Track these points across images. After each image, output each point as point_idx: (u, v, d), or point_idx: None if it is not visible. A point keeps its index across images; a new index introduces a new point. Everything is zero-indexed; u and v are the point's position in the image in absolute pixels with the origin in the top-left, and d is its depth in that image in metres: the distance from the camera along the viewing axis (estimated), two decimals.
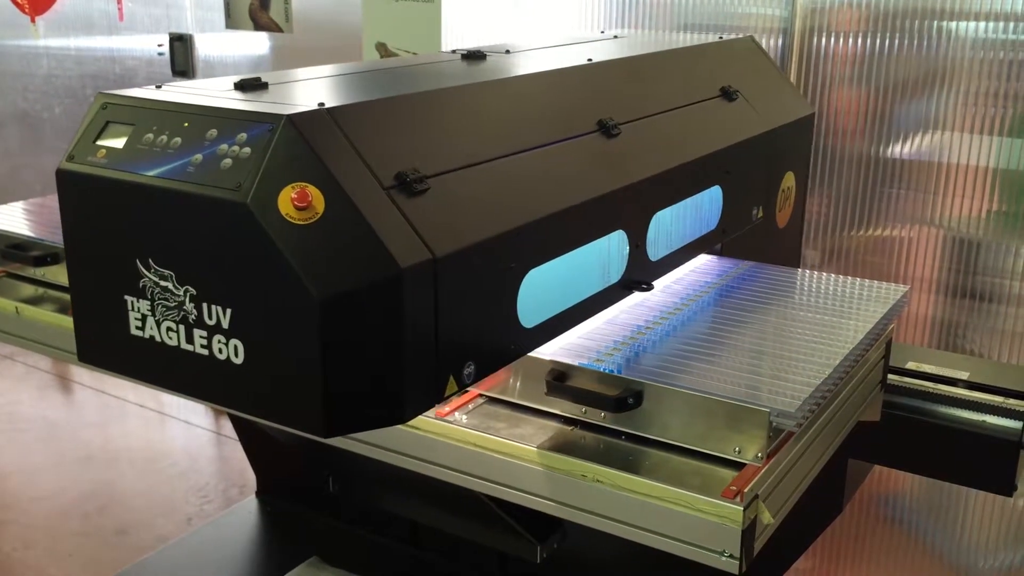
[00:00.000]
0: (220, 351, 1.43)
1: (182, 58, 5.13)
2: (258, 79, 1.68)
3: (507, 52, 2.32)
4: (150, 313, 1.50)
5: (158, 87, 1.67)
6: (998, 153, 3.09)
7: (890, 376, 2.34)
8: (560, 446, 1.73)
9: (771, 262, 2.47)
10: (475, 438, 1.77)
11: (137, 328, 1.53)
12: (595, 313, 1.92)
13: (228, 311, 1.41)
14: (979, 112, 3.08)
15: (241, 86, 1.64)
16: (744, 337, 2.00)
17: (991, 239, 3.16)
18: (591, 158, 1.90)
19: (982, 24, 3.03)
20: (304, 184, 1.35)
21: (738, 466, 1.65)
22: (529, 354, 1.83)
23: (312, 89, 1.68)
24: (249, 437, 3.14)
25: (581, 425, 1.79)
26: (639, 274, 2.00)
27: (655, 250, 2.05)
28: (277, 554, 2.87)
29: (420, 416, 1.80)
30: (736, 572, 1.57)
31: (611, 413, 1.74)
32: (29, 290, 2.42)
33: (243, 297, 1.39)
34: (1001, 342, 3.20)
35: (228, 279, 1.40)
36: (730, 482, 1.60)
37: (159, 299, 1.48)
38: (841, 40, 3.26)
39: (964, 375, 2.39)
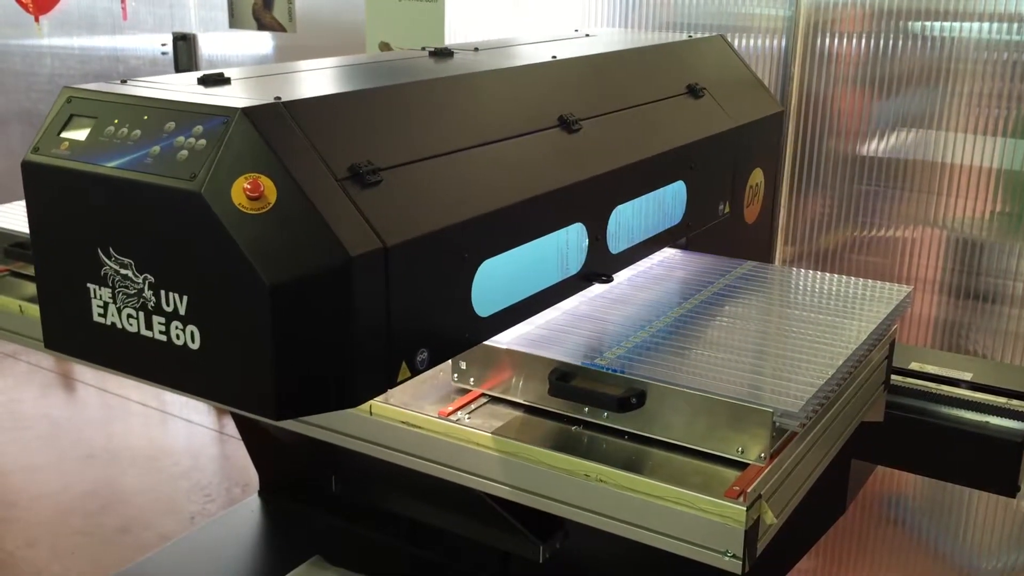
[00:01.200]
0: (178, 337, 1.48)
1: (186, 58, 5.13)
2: (221, 74, 1.71)
3: (476, 50, 2.35)
4: (111, 301, 1.54)
5: (123, 82, 1.71)
6: (1002, 154, 3.08)
7: (893, 377, 2.33)
8: (563, 446, 1.73)
9: (740, 257, 2.50)
10: (478, 437, 1.77)
11: (100, 315, 1.57)
12: (553, 304, 1.95)
13: (185, 298, 1.45)
14: (983, 113, 3.08)
15: (204, 81, 1.68)
16: (747, 337, 2.00)
17: (994, 240, 3.16)
18: (550, 153, 1.92)
19: (986, 25, 3.03)
20: (257, 175, 1.39)
21: (741, 466, 1.65)
22: (532, 353, 1.83)
23: (273, 84, 1.71)
24: (252, 436, 3.15)
25: (584, 425, 1.80)
26: (599, 266, 2.03)
27: (616, 243, 2.08)
28: (279, 553, 2.87)
29: (424, 416, 1.82)
30: (739, 572, 1.57)
31: (614, 413, 1.74)
32: (32, 288, 2.42)
33: (198, 284, 1.44)
34: (1004, 343, 3.20)
35: (184, 267, 1.45)
36: (733, 482, 1.60)
37: (120, 287, 1.52)
38: (845, 40, 3.26)
39: (967, 376, 2.39)
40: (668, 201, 2.27)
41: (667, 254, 2.51)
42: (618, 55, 2.42)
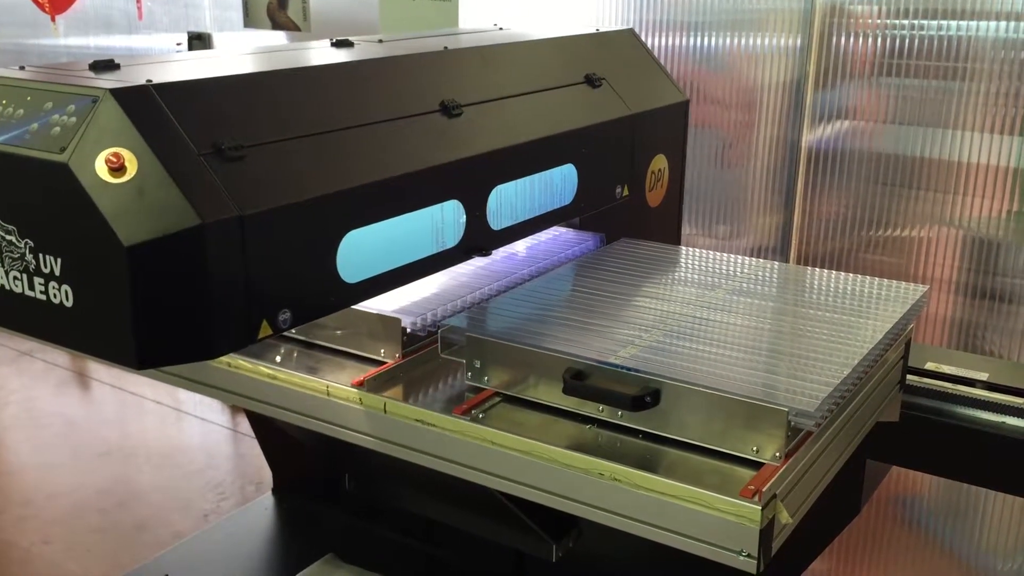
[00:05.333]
0: (55, 296, 1.62)
1: None
2: (111, 61, 1.85)
3: (380, 41, 2.43)
4: (0, 265, 1.68)
5: (22, 68, 1.86)
6: (1018, 153, 3.07)
7: (909, 376, 2.33)
8: (577, 444, 1.73)
9: (644, 239, 2.58)
10: (492, 436, 1.77)
11: None
12: (430, 273, 2.06)
13: (59, 260, 1.59)
14: (999, 112, 3.07)
15: (95, 67, 1.82)
16: (762, 336, 1.99)
17: (1011, 239, 3.14)
18: (427, 135, 2.02)
19: (1003, 24, 3.01)
20: (120, 148, 1.53)
21: (756, 465, 1.65)
22: (546, 352, 1.83)
23: (156, 70, 1.82)
24: (266, 434, 3.15)
25: (598, 423, 1.79)
26: (479, 241, 2.13)
27: (497, 220, 2.17)
28: (293, 551, 2.88)
29: (438, 414, 1.82)
30: (754, 572, 1.56)
31: (629, 412, 1.74)
32: None
33: (70, 247, 1.58)
34: (1021, 343, 3.18)
35: (58, 232, 1.59)
36: (748, 481, 1.60)
37: (7, 252, 1.66)
38: (860, 38, 3.25)
39: (983, 376, 2.38)
40: (557, 182, 2.35)
41: (676, 250, 2.51)
42: (512, 46, 2.51)
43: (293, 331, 2.12)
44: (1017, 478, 2.32)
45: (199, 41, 5.13)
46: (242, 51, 2.23)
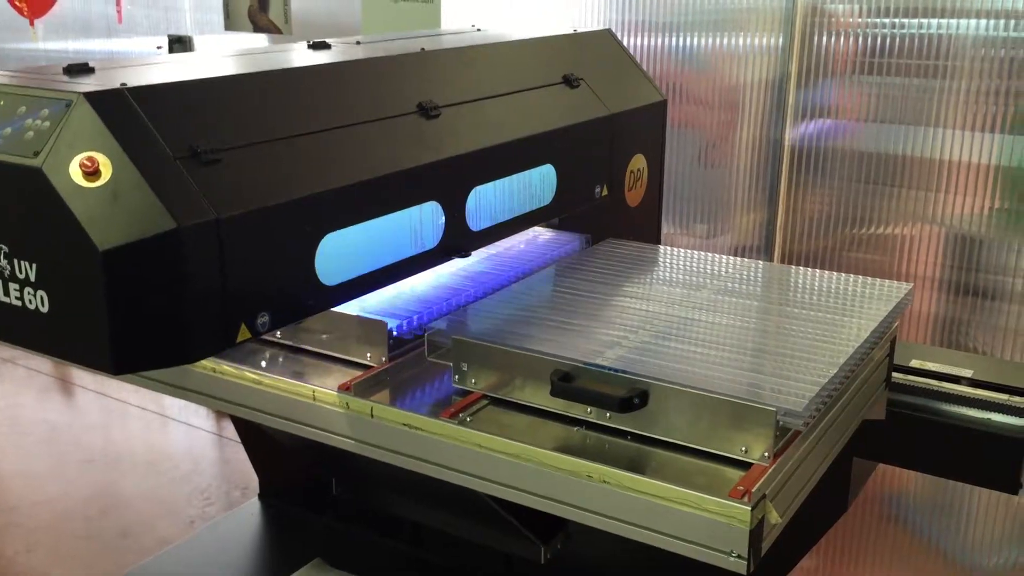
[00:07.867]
0: (30, 302, 1.61)
1: None
2: (86, 64, 1.85)
3: (357, 43, 2.43)
4: None
5: None
6: (1000, 150, 3.08)
7: (894, 374, 2.33)
8: (565, 446, 1.72)
9: (624, 238, 2.59)
10: (479, 439, 1.77)
11: None
12: (409, 275, 2.06)
13: (34, 266, 1.59)
14: (980, 109, 3.08)
15: (69, 71, 1.81)
16: (749, 336, 2.00)
17: (993, 236, 3.16)
18: (405, 136, 2.02)
19: (983, 21, 3.03)
20: (94, 152, 1.52)
21: (745, 466, 1.65)
22: (533, 354, 1.82)
23: (132, 73, 1.81)
24: (252, 439, 3.14)
25: (586, 425, 1.79)
26: (459, 242, 2.14)
27: (476, 221, 2.18)
28: (280, 556, 2.86)
29: (424, 418, 1.81)
30: (744, 572, 1.56)
31: (617, 413, 1.74)
32: None
33: (45, 252, 1.57)
34: (1004, 340, 3.20)
35: (32, 237, 1.59)
36: (737, 482, 1.60)
37: None
38: (842, 37, 3.26)
39: (968, 373, 2.39)
40: (535, 183, 2.36)
41: (667, 251, 2.52)
42: (490, 47, 2.52)
43: (278, 336, 2.11)
44: (1002, 474, 2.33)
45: (179, 44, 5.10)
46: (219, 54, 2.22)
